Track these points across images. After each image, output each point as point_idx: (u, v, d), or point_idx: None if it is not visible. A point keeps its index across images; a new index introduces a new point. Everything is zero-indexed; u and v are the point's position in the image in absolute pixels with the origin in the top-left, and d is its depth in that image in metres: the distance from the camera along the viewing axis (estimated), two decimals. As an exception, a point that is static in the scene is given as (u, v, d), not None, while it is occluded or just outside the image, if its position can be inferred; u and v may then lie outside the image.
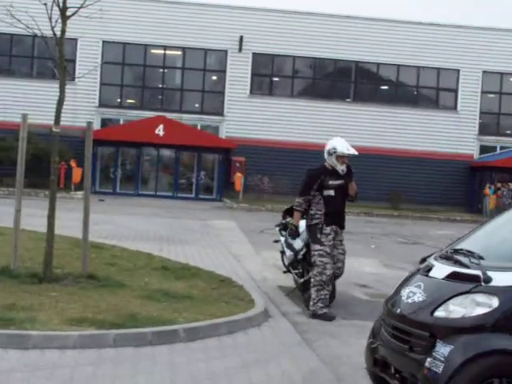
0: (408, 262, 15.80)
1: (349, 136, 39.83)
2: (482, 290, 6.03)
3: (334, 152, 11.43)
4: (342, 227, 11.47)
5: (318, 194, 11.28)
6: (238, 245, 19.62)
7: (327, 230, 11.15)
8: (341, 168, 11.53)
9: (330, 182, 11.36)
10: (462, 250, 6.77)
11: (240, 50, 41.25)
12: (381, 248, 21.26)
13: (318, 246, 11.11)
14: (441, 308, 6.12)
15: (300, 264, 12.51)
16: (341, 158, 11.47)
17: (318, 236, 11.14)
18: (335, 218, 11.30)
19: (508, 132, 43.48)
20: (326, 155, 11.56)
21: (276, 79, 43.22)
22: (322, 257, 11.07)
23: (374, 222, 31.06)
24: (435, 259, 6.87)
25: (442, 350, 5.91)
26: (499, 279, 6.01)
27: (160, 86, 43.12)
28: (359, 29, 41.29)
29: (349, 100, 42.32)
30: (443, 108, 42.65)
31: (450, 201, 40.81)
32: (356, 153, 11.47)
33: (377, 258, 18.35)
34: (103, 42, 40.83)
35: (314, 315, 10.95)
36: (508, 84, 43.13)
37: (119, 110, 41.85)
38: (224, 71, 41.79)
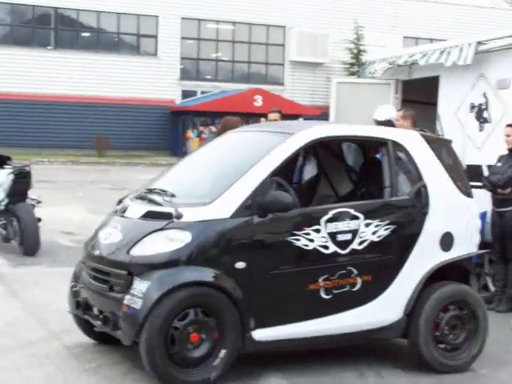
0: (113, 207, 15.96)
1: (52, 84, 39.49)
2: (174, 226, 6.29)
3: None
4: None
5: None
6: None
7: None
8: None
9: None
10: (155, 189, 7.03)
11: None
12: (88, 195, 21.25)
13: None
14: (137, 246, 6.31)
15: (3, 215, 12.31)
16: None
17: None
18: None
19: (208, 77, 44.70)
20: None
21: (-28, 27, 41.31)
22: None
23: (80, 171, 30.86)
24: (131, 200, 7.06)
25: (140, 286, 6.12)
26: (190, 215, 6.31)
27: None
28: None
29: (50, 47, 41.39)
30: (144, 54, 42.97)
31: (155, 145, 41.41)
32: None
33: (83, 206, 18.37)
34: None
35: None
36: (205, 30, 44.25)
37: None
38: None
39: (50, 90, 39.83)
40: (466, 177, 7.83)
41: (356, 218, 6.74)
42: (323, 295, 6.63)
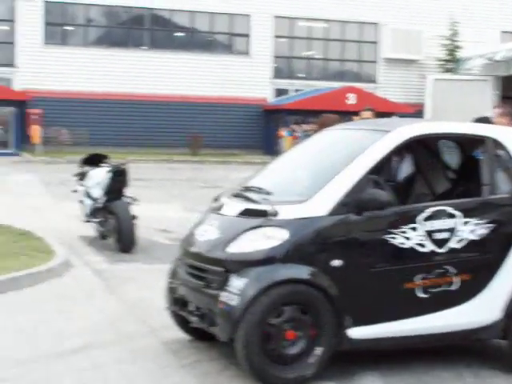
0: (208, 205, 16.08)
1: (146, 83, 40.13)
2: (271, 224, 6.33)
3: None
4: None
5: None
6: (38, 198, 19.31)
7: None
8: None
9: None
10: (251, 187, 7.07)
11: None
12: (182, 193, 21.50)
13: None
14: (233, 243, 6.38)
15: (100, 212, 12.55)
16: None
17: None
18: None
19: (300, 75, 44.71)
20: None
21: (70, 28, 42.20)
22: None
23: (174, 169, 31.26)
24: (227, 197, 7.13)
25: (237, 283, 6.18)
26: (287, 213, 6.34)
27: None
28: (151, -25, 41.03)
29: (144, 48, 42.05)
30: (237, 53, 43.25)
31: (248, 144, 41.65)
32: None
33: (178, 204, 18.58)
34: None
35: None
36: (298, 28, 44.28)
37: None
38: (14, 21, 40.30)
39: (143, 90, 40.48)
40: None
41: (453, 216, 6.66)
42: (420, 294, 6.57)
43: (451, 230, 6.62)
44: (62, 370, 6.60)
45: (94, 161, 13.41)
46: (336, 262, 6.28)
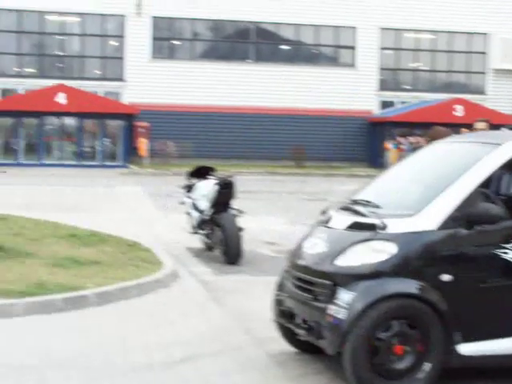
0: (314, 218, 16.04)
1: (251, 96, 40.46)
2: (379, 238, 6.30)
3: None
4: None
5: None
6: (146, 209, 19.64)
7: None
8: None
9: None
10: (359, 200, 7.03)
11: (138, 14, 40.83)
12: (287, 206, 21.53)
13: None
14: (341, 257, 6.36)
15: (207, 224, 12.67)
16: None
17: None
18: None
19: (407, 87, 44.30)
20: None
21: (177, 43, 42.94)
22: None
23: (279, 181, 31.36)
24: (335, 210, 7.11)
25: (344, 296, 6.16)
26: (395, 226, 6.29)
27: (58, 53, 42.36)
28: (257, -11, 41.37)
29: (250, 61, 42.41)
30: (342, 65, 43.17)
31: (353, 157, 41.49)
32: None
33: (283, 216, 18.60)
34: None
35: None
36: (404, 40, 43.90)
37: (17, 80, 40.95)
38: (123, 36, 41.29)
39: (248, 103, 40.82)
40: None
41: None
42: (533, 311, 6.39)
43: None
44: (170, 379, 6.68)
45: (201, 173, 13.56)
46: (445, 277, 6.19)
